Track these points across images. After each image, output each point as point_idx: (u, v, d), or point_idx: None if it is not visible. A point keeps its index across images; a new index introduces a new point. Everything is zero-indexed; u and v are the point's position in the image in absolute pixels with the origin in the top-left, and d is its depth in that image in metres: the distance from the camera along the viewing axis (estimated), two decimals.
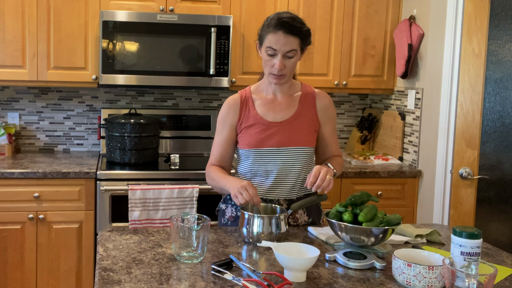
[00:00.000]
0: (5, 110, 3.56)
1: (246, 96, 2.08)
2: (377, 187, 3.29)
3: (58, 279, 3.01)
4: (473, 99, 3.00)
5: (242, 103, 2.07)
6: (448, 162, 3.11)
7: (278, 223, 1.81)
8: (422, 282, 1.46)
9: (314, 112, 2.06)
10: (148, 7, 3.25)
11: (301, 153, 2.02)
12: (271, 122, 2.02)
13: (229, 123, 2.08)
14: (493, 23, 2.90)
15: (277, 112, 2.04)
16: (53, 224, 2.98)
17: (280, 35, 1.90)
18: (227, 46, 3.26)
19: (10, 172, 2.92)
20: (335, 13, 3.47)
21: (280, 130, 2.01)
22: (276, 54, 1.93)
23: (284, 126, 2.02)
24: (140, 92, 3.69)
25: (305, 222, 2.11)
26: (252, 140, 2.02)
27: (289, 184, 2.05)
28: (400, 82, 3.58)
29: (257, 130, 2.02)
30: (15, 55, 3.16)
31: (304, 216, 2.11)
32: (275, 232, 1.80)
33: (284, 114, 2.04)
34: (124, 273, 1.54)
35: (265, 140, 2.01)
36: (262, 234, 1.79)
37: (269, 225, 1.79)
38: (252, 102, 2.07)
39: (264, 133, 2.01)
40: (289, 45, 1.90)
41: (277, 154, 2.01)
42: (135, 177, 3.02)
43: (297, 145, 2.01)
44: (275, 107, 2.05)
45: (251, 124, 2.03)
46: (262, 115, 2.04)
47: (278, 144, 2.00)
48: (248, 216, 1.81)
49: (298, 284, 1.50)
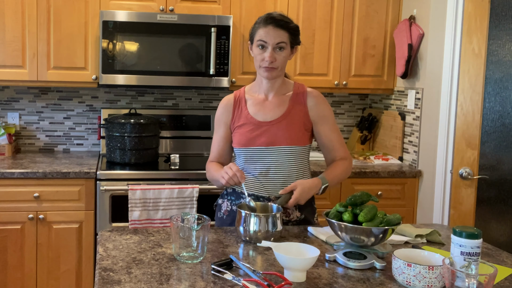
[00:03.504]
0: (5, 110, 3.57)
1: (239, 96, 2.15)
2: (377, 187, 3.29)
3: (58, 279, 3.01)
4: (473, 99, 3.00)
5: (235, 103, 2.14)
6: (448, 162, 3.11)
7: (275, 222, 1.83)
8: (422, 282, 1.46)
9: (305, 111, 2.08)
10: (148, 7, 3.25)
11: (290, 152, 2.05)
12: (261, 122, 2.07)
13: (223, 122, 2.16)
14: (493, 23, 2.90)
15: (267, 112, 2.09)
16: (53, 224, 2.98)
17: (270, 29, 1.99)
18: (227, 46, 3.26)
19: (10, 172, 2.92)
20: (335, 13, 3.47)
21: (269, 130, 2.06)
22: (267, 47, 2.00)
23: (273, 126, 2.06)
24: (140, 92, 3.69)
25: (297, 218, 2.11)
26: (243, 139, 2.09)
27: (279, 182, 2.07)
28: (400, 82, 3.58)
29: (247, 130, 2.08)
30: (15, 55, 3.16)
31: (296, 212, 2.11)
32: (271, 230, 1.81)
33: (274, 114, 2.08)
34: (124, 273, 1.54)
35: (255, 139, 2.06)
36: (259, 232, 1.80)
37: (266, 223, 1.81)
38: (244, 102, 2.13)
39: (254, 133, 2.06)
40: (279, 37, 1.98)
41: (266, 152, 2.06)
42: (135, 177, 3.02)
43: (285, 144, 2.04)
44: (266, 107, 2.10)
45: (243, 123, 2.10)
46: (252, 114, 2.09)
47: (266, 143, 2.05)
48: (244, 215, 1.82)
49: (298, 284, 1.50)
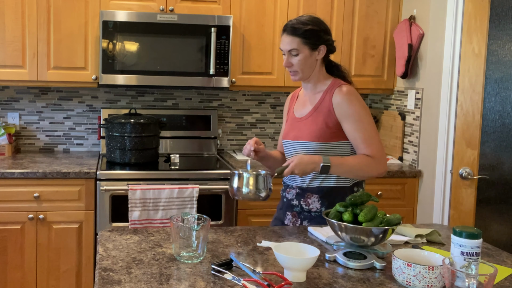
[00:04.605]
0: (5, 110, 3.57)
1: (297, 93, 2.35)
2: (377, 187, 3.29)
3: (58, 279, 3.01)
4: (473, 99, 3.00)
5: (292, 98, 2.34)
6: (448, 162, 3.11)
7: (265, 180, 1.96)
8: (422, 282, 1.46)
9: (330, 108, 2.10)
10: (148, 7, 3.25)
11: (308, 147, 2.12)
12: (296, 118, 2.23)
13: (284, 115, 2.38)
14: (493, 23, 2.90)
15: (301, 109, 2.22)
16: (53, 224, 2.98)
17: (284, 36, 2.13)
18: (227, 46, 3.26)
19: (10, 172, 2.92)
20: (335, 13, 3.47)
21: (298, 125, 2.19)
22: (285, 54, 2.14)
23: (302, 122, 2.18)
24: (140, 92, 3.69)
25: (317, 209, 2.14)
26: (283, 132, 2.31)
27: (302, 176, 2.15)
28: (400, 82, 3.58)
29: (288, 124, 2.27)
30: (15, 55, 3.16)
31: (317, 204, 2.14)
32: (262, 189, 1.95)
33: (304, 111, 2.20)
34: (124, 273, 1.54)
35: (288, 133, 2.23)
36: (248, 188, 1.95)
37: (255, 181, 1.95)
38: (296, 98, 2.32)
39: (290, 127, 2.24)
40: (290, 44, 2.10)
41: (293, 146, 2.19)
42: (135, 177, 3.02)
43: (307, 139, 2.12)
44: (302, 104, 2.24)
45: (288, 118, 2.31)
46: (294, 110, 2.27)
47: (294, 137, 2.19)
48: (236, 173, 1.98)
49: (298, 284, 1.50)
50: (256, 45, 3.40)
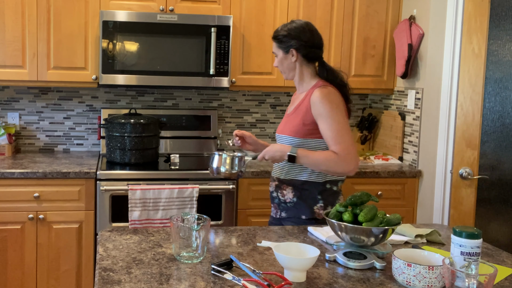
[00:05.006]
0: (5, 110, 3.57)
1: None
2: (377, 187, 3.29)
3: (58, 279, 3.02)
4: (473, 99, 3.00)
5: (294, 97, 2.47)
6: (448, 162, 3.11)
7: (240, 161, 2.23)
8: (422, 282, 1.46)
9: (308, 107, 2.23)
10: (148, 7, 3.25)
11: (285, 141, 2.28)
12: (286, 113, 2.40)
13: None
14: (493, 23, 2.90)
15: (291, 106, 2.41)
16: (53, 224, 2.98)
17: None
18: (227, 46, 3.26)
19: (10, 172, 2.92)
20: (335, 13, 3.47)
21: (285, 120, 2.37)
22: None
23: (287, 118, 2.35)
24: (140, 92, 3.69)
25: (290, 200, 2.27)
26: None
27: (285, 168, 2.31)
28: (400, 82, 3.58)
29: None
30: (15, 55, 3.16)
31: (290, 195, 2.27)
32: (236, 169, 2.23)
33: (291, 107, 2.37)
34: (124, 273, 1.54)
35: (279, 127, 2.39)
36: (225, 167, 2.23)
37: (231, 162, 2.22)
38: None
39: (281, 122, 2.41)
40: (273, 48, 2.37)
41: (279, 139, 2.36)
42: (135, 177, 3.02)
43: (287, 134, 2.28)
44: (292, 101, 2.43)
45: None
46: (288, 107, 2.44)
47: (279, 131, 2.36)
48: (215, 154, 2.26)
49: (298, 284, 1.50)
50: (256, 45, 3.40)
